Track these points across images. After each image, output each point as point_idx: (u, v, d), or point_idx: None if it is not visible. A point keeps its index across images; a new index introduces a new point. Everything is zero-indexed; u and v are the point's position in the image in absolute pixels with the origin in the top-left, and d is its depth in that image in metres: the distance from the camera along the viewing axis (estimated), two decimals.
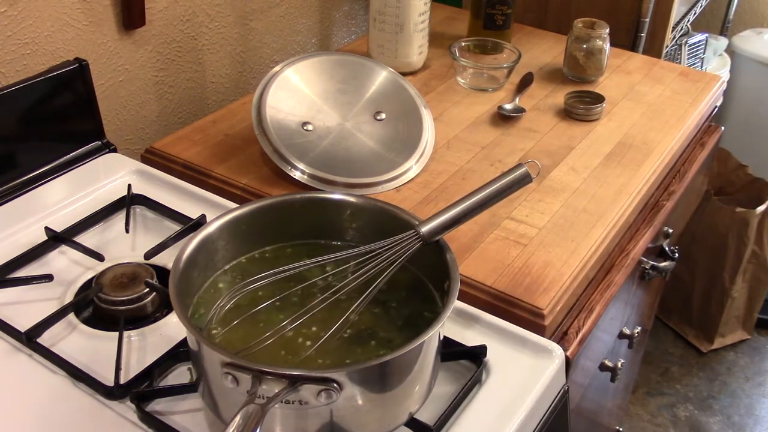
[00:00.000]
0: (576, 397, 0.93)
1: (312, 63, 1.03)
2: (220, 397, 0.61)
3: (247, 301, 0.68)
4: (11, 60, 0.93)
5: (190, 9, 1.14)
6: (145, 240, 0.87)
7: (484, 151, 1.04)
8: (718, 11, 2.33)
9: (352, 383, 0.56)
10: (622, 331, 1.11)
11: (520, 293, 0.80)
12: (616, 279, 0.93)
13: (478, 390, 0.70)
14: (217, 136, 1.06)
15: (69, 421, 0.65)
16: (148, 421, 0.65)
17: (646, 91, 1.23)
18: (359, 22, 1.55)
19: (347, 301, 0.68)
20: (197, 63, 1.20)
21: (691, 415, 1.97)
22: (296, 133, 0.97)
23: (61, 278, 0.80)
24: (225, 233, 0.71)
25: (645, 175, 1.02)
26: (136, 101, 1.12)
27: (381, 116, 1.02)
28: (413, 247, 0.67)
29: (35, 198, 0.92)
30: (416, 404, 0.64)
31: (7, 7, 0.90)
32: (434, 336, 0.61)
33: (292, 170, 0.94)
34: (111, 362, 0.69)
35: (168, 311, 0.78)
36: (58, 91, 0.94)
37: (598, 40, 1.22)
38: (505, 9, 1.28)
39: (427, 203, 0.94)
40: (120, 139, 1.11)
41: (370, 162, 0.97)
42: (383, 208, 0.73)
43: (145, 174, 0.98)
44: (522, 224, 0.90)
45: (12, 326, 0.73)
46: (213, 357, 0.57)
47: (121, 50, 1.06)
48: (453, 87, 1.22)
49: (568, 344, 0.81)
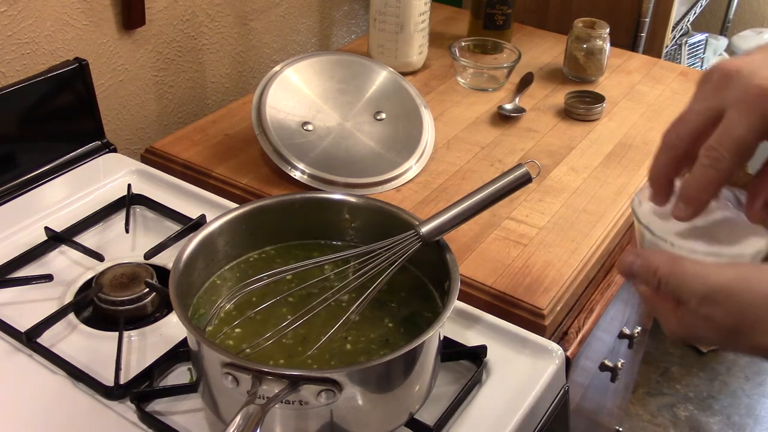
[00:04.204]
0: (576, 397, 0.94)
1: (312, 63, 1.03)
2: (220, 397, 0.61)
3: (247, 301, 0.68)
4: (11, 60, 0.93)
5: (190, 9, 1.14)
6: (145, 240, 0.87)
7: (484, 151, 1.04)
8: (718, 11, 2.33)
9: (352, 383, 0.56)
10: (622, 331, 1.11)
11: (520, 293, 0.80)
12: (616, 279, 0.92)
13: (478, 390, 0.70)
14: (217, 136, 1.06)
15: (69, 421, 0.65)
16: (148, 421, 0.65)
17: (646, 91, 1.23)
18: (359, 22, 1.55)
19: (347, 301, 0.68)
20: (197, 63, 1.20)
21: (691, 415, 1.98)
22: (296, 133, 0.97)
23: (61, 278, 0.80)
24: (225, 233, 0.70)
25: (645, 175, 1.02)
26: (136, 101, 1.12)
27: (381, 116, 1.02)
28: (413, 247, 0.67)
29: (35, 198, 0.92)
30: (416, 404, 0.64)
31: (7, 6, 0.90)
32: (434, 336, 0.61)
33: (292, 170, 0.94)
34: (111, 362, 0.69)
35: (168, 311, 0.78)
36: (58, 91, 0.94)
37: (599, 40, 1.22)
38: (505, 9, 1.28)
39: (427, 203, 0.94)
40: (120, 139, 1.11)
41: (370, 162, 0.97)
42: (383, 208, 0.73)
43: (145, 174, 0.98)
44: (522, 224, 0.90)
45: (12, 326, 0.73)
46: (213, 357, 0.57)
47: (121, 50, 1.06)
48: (453, 87, 1.22)
49: (568, 344, 0.81)
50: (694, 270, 0.54)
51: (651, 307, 0.59)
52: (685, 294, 0.54)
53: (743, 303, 0.52)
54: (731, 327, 0.53)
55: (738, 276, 0.53)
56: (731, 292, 0.52)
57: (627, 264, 0.57)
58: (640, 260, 0.56)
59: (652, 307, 0.58)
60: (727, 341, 0.54)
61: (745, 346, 0.54)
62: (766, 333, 0.52)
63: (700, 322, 0.54)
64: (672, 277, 0.54)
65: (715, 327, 0.53)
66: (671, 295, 0.55)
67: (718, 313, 0.53)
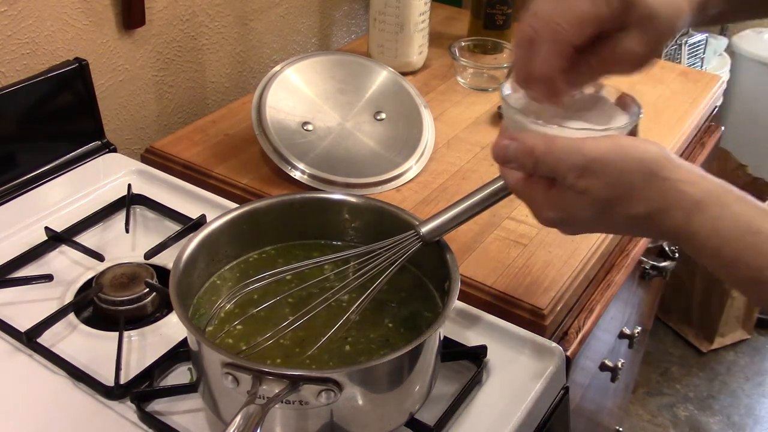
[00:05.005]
0: (576, 397, 0.94)
1: (312, 63, 1.03)
2: (220, 397, 0.61)
3: (247, 301, 0.68)
4: (11, 60, 0.93)
5: (190, 9, 1.14)
6: (145, 240, 0.87)
7: (484, 151, 1.04)
8: None
9: (353, 383, 0.56)
10: (622, 331, 1.11)
11: (521, 293, 0.80)
12: (616, 279, 0.92)
13: (478, 390, 0.70)
14: (217, 136, 1.06)
15: (69, 421, 0.65)
16: (148, 421, 0.65)
17: (646, 91, 1.23)
18: (359, 22, 1.55)
19: (347, 301, 0.68)
20: (197, 63, 1.20)
21: (691, 415, 1.98)
22: (296, 133, 0.97)
23: (61, 278, 0.80)
24: (225, 233, 0.70)
25: None
26: (136, 101, 1.12)
27: (381, 116, 1.02)
28: (413, 247, 0.67)
29: (35, 198, 0.92)
30: (416, 404, 0.64)
31: (7, 6, 0.90)
32: (434, 336, 0.61)
33: (292, 170, 0.94)
34: (111, 362, 0.69)
35: (168, 311, 0.78)
36: (58, 91, 0.94)
37: None
38: (505, 9, 1.28)
39: (427, 203, 0.94)
40: (120, 139, 1.11)
41: (370, 162, 0.97)
42: (383, 208, 0.73)
43: (145, 174, 0.98)
44: (522, 224, 0.90)
45: (12, 326, 0.73)
46: (213, 357, 0.57)
47: (121, 50, 1.06)
48: (453, 87, 1.22)
49: (568, 344, 0.81)
50: (570, 145, 0.54)
51: (522, 194, 0.60)
52: (562, 170, 0.54)
53: (618, 170, 0.53)
54: (608, 197, 0.54)
55: (613, 145, 0.54)
56: (607, 162, 0.53)
57: (501, 147, 0.58)
58: (516, 143, 0.57)
59: (522, 193, 0.59)
60: (602, 215, 0.55)
61: (620, 217, 0.55)
62: (640, 200, 0.53)
63: (576, 197, 0.55)
64: (548, 156, 0.55)
65: (592, 200, 0.54)
66: (546, 175, 0.56)
67: (596, 183, 0.54)
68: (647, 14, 0.56)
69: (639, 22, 0.56)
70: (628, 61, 0.59)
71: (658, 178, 0.53)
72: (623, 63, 0.59)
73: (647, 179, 0.53)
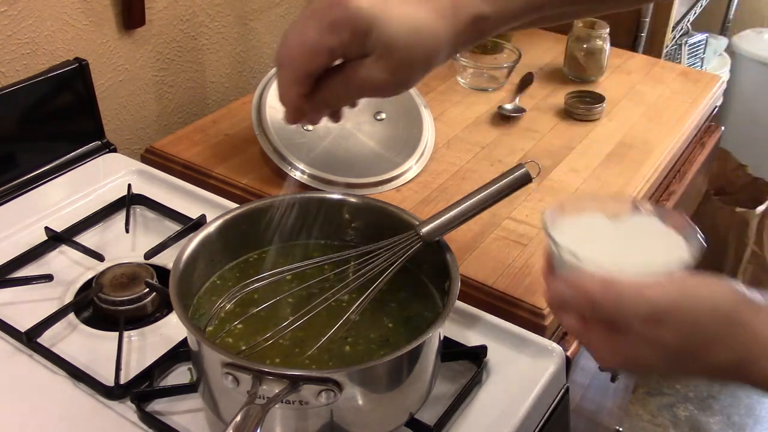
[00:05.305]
0: (576, 397, 0.93)
1: None
2: (220, 397, 0.61)
3: (247, 301, 0.68)
4: (11, 60, 0.93)
5: (190, 9, 1.14)
6: (145, 240, 0.87)
7: (484, 151, 1.04)
8: (718, 11, 2.33)
9: (353, 383, 0.56)
10: None
11: (521, 293, 0.80)
12: None
13: (478, 390, 0.70)
14: (217, 136, 1.06)
15: (69, 421, 0.65)
16: (148, 421, 0.65)
17: (646, 91, 1.23)
18: None
19: (347, 301, 0.68)
20: (197, 63, 1.19)
21: (691, 415, 1.97)
22: (296, 133, 0.97)
23: (61, 278, 0.80)
24: (225, 233, 0.70)
25: (645, 175, 1.02)
26: (136, 101, 1.12)
27: (381, 116, 1.02)
28: (413, 247, 0.67)
29: (35, 198, 0.92)
30: (416, 404, 0.64)
31: (7, 6, 0.90)
32: (434, 336, 0.61)
33: (292, 170, 0.94)
34: (111, 362, 0.69)
35: (168, 311, 0.78)
36: (58, 91, 0.94)
37: (599, 40, 1.22)
38: None
39: (427, 203, 0.94)
40: (120, 139, 1.11)
41: (370, 162, 0.97)
42: (383, 208, 0.73)
43: (145, 174, 0.98)
44: (522, 224, 0.90)
45: (12, 326, 0.73)
46: (213, 357, 0.57)
47: (121, 50, 1.06)
48: (453, 87, 1.22)
49: (568, 344, 0.81)
50: (632, 291, 0.49)
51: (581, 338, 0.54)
52: (624, 317, 0.49)
53: (692, 320, 0.49)
54: (682, 348, 0.49)
55: (681, 292, 0.49)
56: (677, 310, 0.49)
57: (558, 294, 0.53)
58: (572, 289, 0.51)
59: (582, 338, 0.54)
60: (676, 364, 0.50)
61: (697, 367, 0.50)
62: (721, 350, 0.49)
63: (645, 347, 0.50)
64: (607, 302, 0.50)
65: (663, 350, 0.49)
66: (604, 321, 0.51)
67: (667, 335, 0.49)
68: (384, 43, 0.56)
69: (376, 50, 0.56)
70: (371, 86, 0.59)
71: (737, 324, 0.49)
72: (366, 88, 0.59)
73: (726, 328, 0.49)
